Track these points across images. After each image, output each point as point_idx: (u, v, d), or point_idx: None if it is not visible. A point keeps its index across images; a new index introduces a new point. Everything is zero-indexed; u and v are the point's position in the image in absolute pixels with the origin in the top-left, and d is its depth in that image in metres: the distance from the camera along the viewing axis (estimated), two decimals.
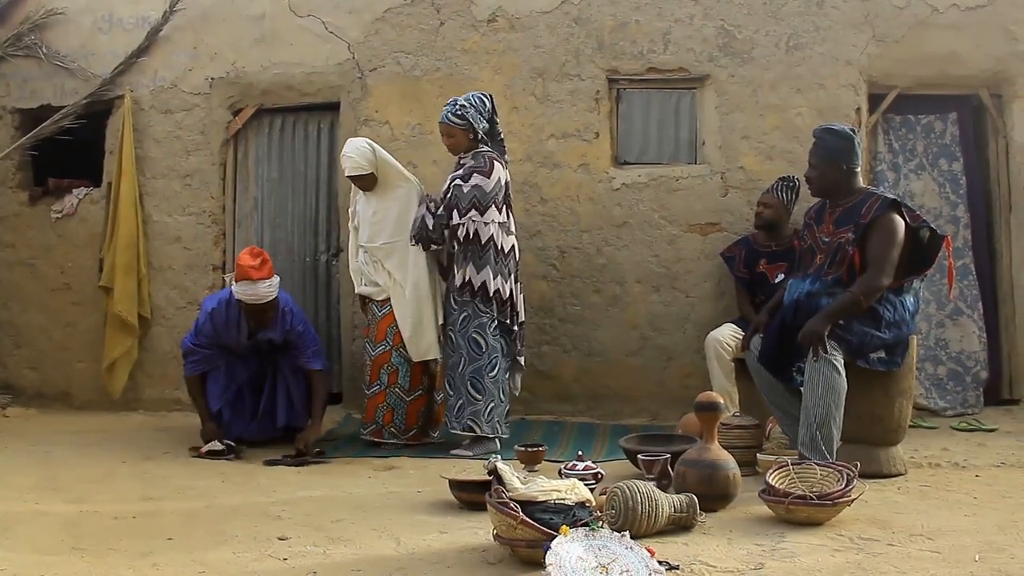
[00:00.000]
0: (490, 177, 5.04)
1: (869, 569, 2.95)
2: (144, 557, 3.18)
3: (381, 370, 5.12)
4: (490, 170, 5.05)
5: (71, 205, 6.51)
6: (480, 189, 5.00)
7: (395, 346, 5.13)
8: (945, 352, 5.90)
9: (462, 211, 5.00)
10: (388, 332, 5.13)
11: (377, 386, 5.12)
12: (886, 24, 5.87)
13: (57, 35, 6.55)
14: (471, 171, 5.05)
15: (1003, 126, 6.06)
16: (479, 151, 5.12)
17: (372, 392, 5.13)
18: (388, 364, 5.12)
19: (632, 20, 6.00)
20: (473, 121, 5.05)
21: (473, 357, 4.98)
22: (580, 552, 2.84)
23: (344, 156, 5.19)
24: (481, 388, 4.97)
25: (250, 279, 4.97)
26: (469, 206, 5.00)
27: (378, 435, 5.11)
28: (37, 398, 6.49)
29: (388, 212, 5.21)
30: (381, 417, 5.11)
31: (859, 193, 4.37)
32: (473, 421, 4.97)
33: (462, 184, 5.02)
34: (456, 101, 5.08)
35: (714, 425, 3.86)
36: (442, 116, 5.09)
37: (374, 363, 5.14)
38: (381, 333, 5.15)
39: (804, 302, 4.26)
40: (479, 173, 5.04)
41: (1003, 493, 3.97)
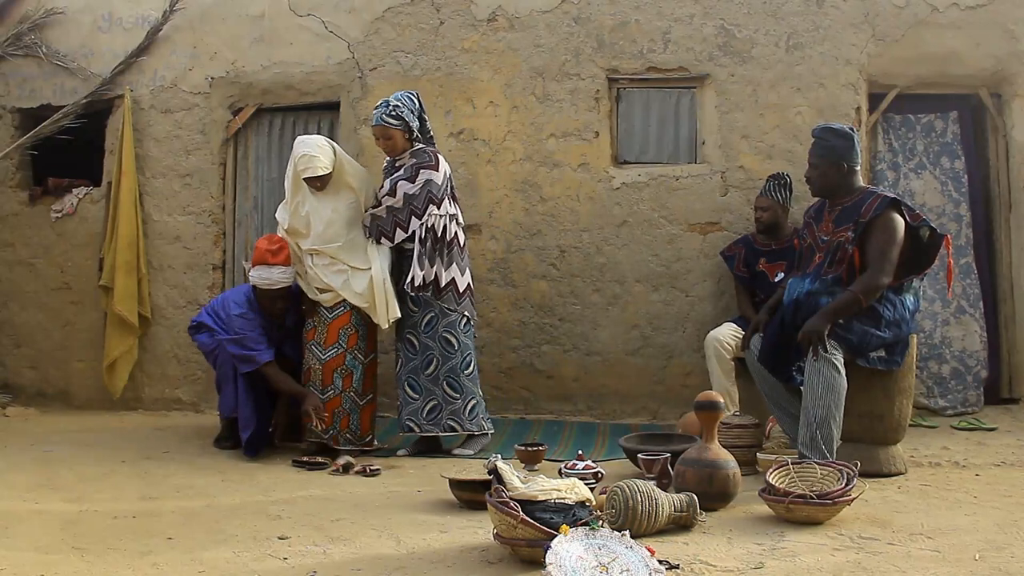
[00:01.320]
0: (438, 170, 4.99)
1: (869, 568, 2.95)
2: (144, 556, 3.18)
3: (335, 374, 4.93)
4: (436, 164, 4.99)
5: (71, 204, 6.51)
6: (433, 183, 4.94)
7: (349, 348, 4.96)
8: (949, 351, 5.90)
9: (420, 211, 4.92)
10: (340, 335, 4.95)
11: (332, 391, 4.93)
12: (886, 23, 5.87)
13: (57, 34, 6.55)
14: (416, 168, 4.96)
15: (1003, 125, 6.06)
16: (417, 149, 5.03)
17: (327, 397, 4.92)
18: (342, 367, 4.94)
19: (632, 19, 6.00)
20: (408, 120, 4.96)
21: (447, 356, 4.91)
22: (580, 551, 2.84)
23: (304, 156, 4.95)
24: (458, 387, 4.91)
25: (266, 263, 4.97)
26: (426, 203, 4.93)
27: (335, 441, 4.92)
28: (37, 397, 6.49)
29: (347, 210, 5.04)
30: (338, 422, 4.93)
31: (859, 192, 4.37)
32: (454, 420, 4.91)
33: (409, 184, 4.92)
34: (388, 102, 4.99)
35: (714, 424, 3.86)
36: (376, 119, 4.98)
37: (325, 367, 4.93)
38: (332, 336, 4.95)
39: (804, 301, 4.26)
40: (426, 168, 4.96)
41: (1003, 492, 3.97)
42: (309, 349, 5.00)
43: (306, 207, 5.05)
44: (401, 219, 4.94)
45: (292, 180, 5.09)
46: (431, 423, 4.91)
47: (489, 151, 6.06)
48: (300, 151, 4.99)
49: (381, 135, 5.00)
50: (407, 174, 4.96)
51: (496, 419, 5.84)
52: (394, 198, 4.94)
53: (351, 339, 4.97)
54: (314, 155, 4.93)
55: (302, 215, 5.05)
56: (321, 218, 5.02)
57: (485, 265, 6.02)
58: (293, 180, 5.08)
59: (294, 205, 5.08)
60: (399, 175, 4.99)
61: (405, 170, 4.99)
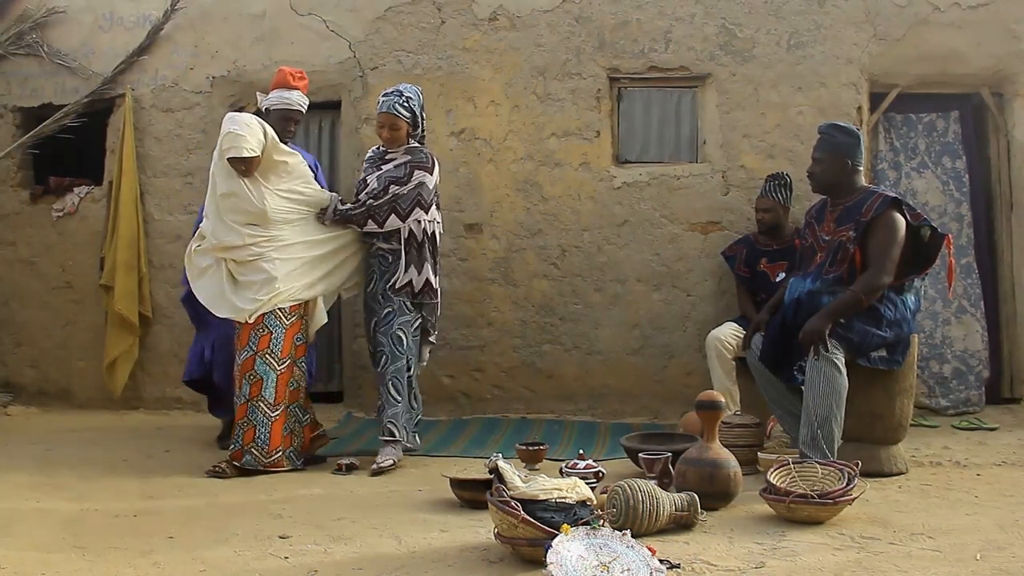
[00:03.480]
0: (432, 174, 4.78)
1: (870, 568, 2.95)
2: (145, 555, 3.18)
3: (244, 380, 4.53)
4: (432, 167, 4.79)
5: (72, 204, 6.51)
6: (424, 187, 4.73)
7: (259, 352, 4.54)
8: (950, 350, 5.89)
9: (404, 212, 4.71)
10: (251, 336, 4.54)
11: (240, 398, 4.55)
12: (887, 22, 5.87)
13: (58, 34, 6.54)
14: (411, 168, 4.74)
15: (1004, 124, 6.05)
16: (413, 147, 4.82)
17: (238, 403, 4.57)
18: (251, 373, 4.52)
19: (633, 19, 6.00)
20: (416, 113, 4.77)
21: (395, 355, 4.67)
22: (581, 551, 2.84)
23: (231, 134, 4.49)
24: (401, 390, 4.68)
25: (288, 86, 4.85)
26: (412, 206, 4.72)
27: (237, 457, 4.49)
28: (38, 396, 6.49)
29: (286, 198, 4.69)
30: (241, 435, 4.50)
31: (860, 192, 4.38)
32: (393, 424, 4.63)
33: (398, 186, 4.70)
34: (401, 92, 4.76)
35: (715, 424, 3.86)
36: (387, 106, 4.71)
37: (240, 370, 4.55)
38: (244, 336, 4.57)
39: (805, 300, 4.26)
40: (421, 170, 4.74)
41: (1004, 492, 3.97)
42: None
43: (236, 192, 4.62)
44: (379, 214, 4.71)
45: (219, 160, 4.63)
46: (380, 423, 4.70)
47: (490, 150, 6.05)
48: (227, 128, 4.55)
49: (388, 124, 4.75)
50: (399, 172, 4.74)
51: (497, 418, 5.87)
52: (386, 196, 4.71)
53: (262, 341, 4.55)
54: (240, 133, 4.48)
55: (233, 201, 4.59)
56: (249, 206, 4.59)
57: (486, 264, 6.02)
58: (221, 162, 4.61)
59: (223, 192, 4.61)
60: (390, 172, 4.76)
61: (397, 167, 4.77)
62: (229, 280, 4.62)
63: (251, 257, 4.59)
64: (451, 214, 6.02)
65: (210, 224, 4.66)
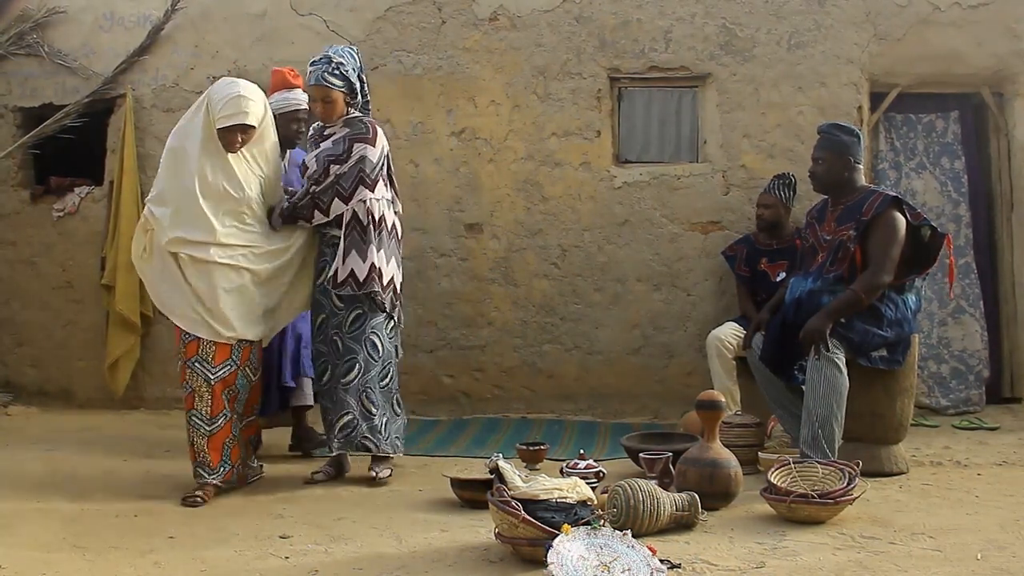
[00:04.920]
0: (375, 145, 4.25)
1: (871, 568, 2.95)
2: (145, 555, 3.18)
3: (224, 396, 4.06)
4: (374, 137, 4.26)
5: (73, 203, 6.51)
6: (366, 161, 4.20)
7: (242, 365, 4.09)
8: (947, 351, 5.89)
9: (346, 193, 4.18)
10: (234, 348, 4.07)
11: (223, 417, 4.08)
12: (888, 22, 5.87)
13: (59, 34, 6.54)
14: (349, 141, 4.21)
15: (1005, 124, 6.05)
16: (352, 117, 4.31)
17: (216, 427, 4.07)
18: (232, 387, 4.08)
19: (633, 19, 5.99)
20: (351, 80, 4.26)
21: (370, 363, 4.19)
22: (582, 551, 2.84)
23: (238, 98, 3.99)
24: (376, 400, 4.21)
25: (288, 86, 4.58)
26: (355, 184, 4.19)
27: (234, 477, 4.12)
28: (39, 396, 6.49)
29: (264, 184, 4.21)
30: (228, 457, 4.10)
31: (860, 191, 4.38)
32: (368, 440, 4.19)
33: (338, 165, 4.18)
34: (329, 58, 4.22)
35: (715, 423, 3.86)
36: (315, 77, 4.21)
37: (215, 389, 4.06)
38: (224, 349, 4.05)
39: (805, 300, 4.26)
40: (361, 142, 4.22)
41: (1005, 491, 3.97)
42: (190, 366, 4.02)
43: (219, 173, 4.02)
44: (323, 201, 4.19)
45: (202, 132, 4.01)
46: (343, 439, 4.20)
47: (491, 150, 6.05)
48: (229, 91, 4.03)
49: (320, 97, 4.22)
50: (338, 149, 4.20)
51: (497, 418, 5.87)
52: (328, 179, 4.18)
53: (244, 352, 4.10)
54: (251, 98, 4.02)
55: (212, 181, 3.99)
56: (245, 184, 4.07)
57: (486, 264, 6.02)
58: (205, 133, 4.01)
59: (199, 170, 3.97)
60: (328, 150, 4.22)
61: (335, 143, 4.24)
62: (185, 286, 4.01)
63: (224, 259, 4.00)
64: (451, 214, 6.02)
65: (167, 211, 3.98)
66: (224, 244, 4.01)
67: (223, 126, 3.97)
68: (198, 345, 3.99)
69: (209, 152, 4.00)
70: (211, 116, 4.00)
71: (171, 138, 4.12)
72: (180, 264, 4.00)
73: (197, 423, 4.03)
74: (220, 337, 4.00)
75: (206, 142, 4.00)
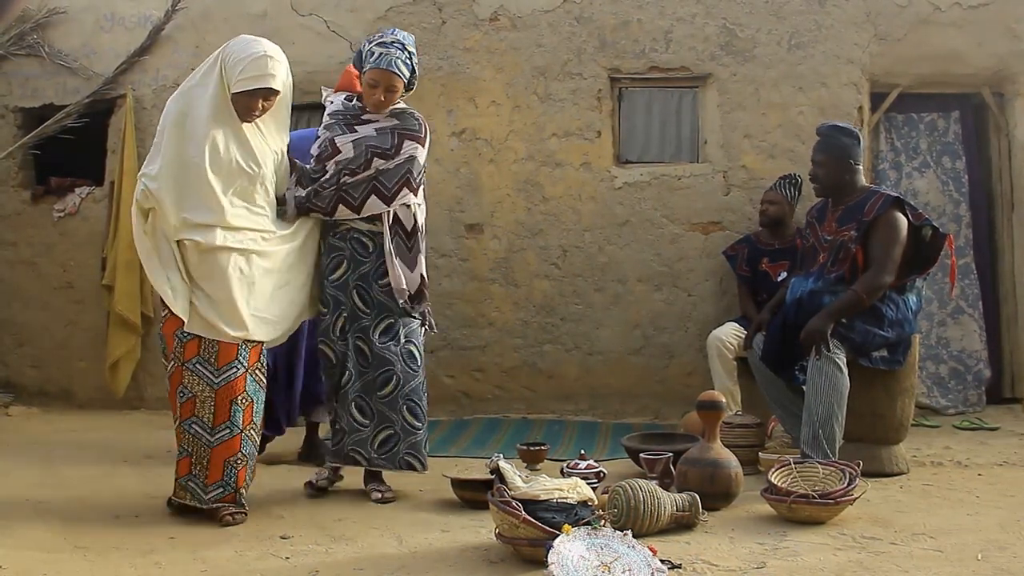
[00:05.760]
0: (424, 147, 3.89)
1: (871, 568, 2.95)
2: (146, 555, 3.18)
3: (233, 405, 3.53)
4: (425, 137, 3.89)
5: (73, 204, 6.52)
6: (415, 163, 3.83)
7: (251, 368, 3.56)
8: (946, 351, 5.90)
9: (389, 193, 3.78)
10: (240, 347, 3.54)
11: (226, 430, 3.53)
12: (888, 22, 5.87)
13: (59, 34, 6.55)
14: (400, 137, 3.82)
15: (1005, 124, 6.06)
16: (401, 108, 3.90)
17: (218, 439, 3.54)
18: (242, 396, 3.55)
19: (634, 19, 6.00)
20: (415, 73, 3.87)
21: (409, 374, 3.82)
22: (582, 551, 2.84)
23: (263, 58, 3.48)
24: (419, 414, 3.84)
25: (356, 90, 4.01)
26: (399, 185, 3.79)
27: (231, 499, 3.55)
28: (39, 397, 6.50)
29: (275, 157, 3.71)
30: (233, 477, 3.54)
31: (861, 192, 4.38)
32: (412, 456, 3.84)
33: (386, 157, 3.78)
34: (403, 44, 3.80)
35: (716, 424, 3.85)
36: (387, 62, 3.72)
37: (219, 396, 3.51)
38: (228, 349, 3.53)
39: (806, 300, 4.26)
40: (413, 140, 3.83)
41: (1005, 492, 3.96)
42: (190, 368, 3.49)
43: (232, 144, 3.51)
44: (352, 195, 3.76)
45: (215, 96, 3.49)
46: (384, 457, 3.83)
47: (491, 150, 6.05)
48: (252, 50, 3.50)
49: (385, 85, 3.76)
50: (386, 142, 3.79)
51: (498, 419, 5.87)
52: (366, 172, 3.76)
53: (253, 354, 3.57)
54: (279, 60, 3.54)
55: (224, 154, 3.47)
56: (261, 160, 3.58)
57: (487, 264, 6.02)
58: (218, 98, 3.48)
59: (209, 140, 3.44)
60: (371, 139, 3.79)
61: (381, 134, 3.82)
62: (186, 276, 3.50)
63: (234, 244, 3.49)
64: (452, 214, 6.02)
65: (167, 187, 3.43)
66: (234, 227, 3.48)
67: (243, 90, 3.46)
68: (199, 345, 3.48)
69: (222, 120, 3.47)
70: (226, 78, 3.48)
71: (173, 102, 3.54)
72: (183, 251, 3.47)
73: (198, 432, 3.51)
74: (225, 336, 3.48)
75: (219, 108, 3.47)
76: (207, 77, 3.52)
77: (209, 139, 3.43)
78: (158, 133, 3.50)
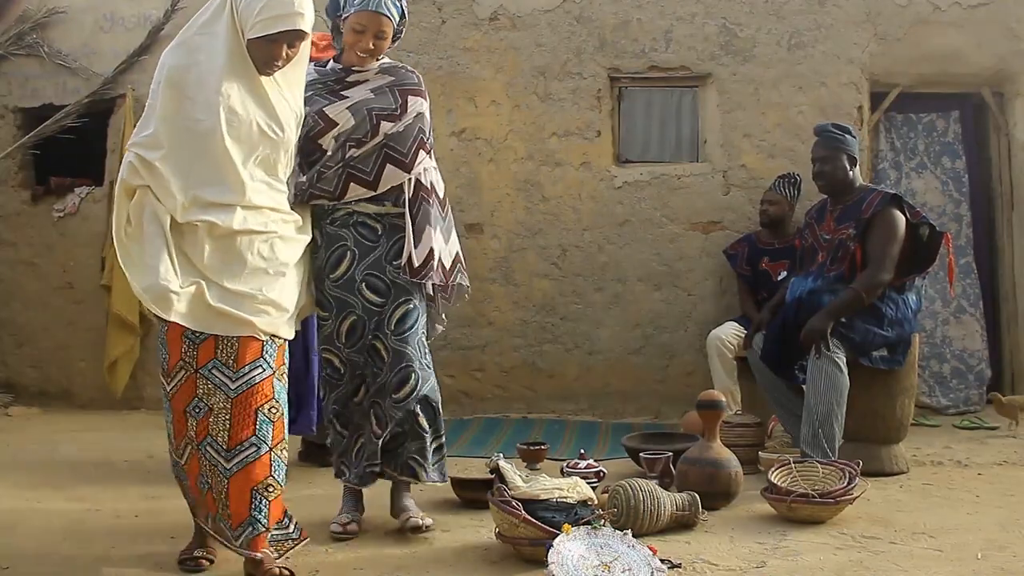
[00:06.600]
0: (427, 99, 3.40)
1: (871, 567, 2.95)
2: (146, 556, 3.18)
3: (258, 414, 2.79)
4: (425, 91, 3.40)
5: (73, 204, 6.51)
6: (425, 120, 3.35)
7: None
8: (949, 350, 5.90)
9: (407, 160, 3.25)
10: (267, 344, 2.86)
11: (252, 448, 2.78)
12: (888, 22, 5.87)
13: (59, 34, 6.55)
14: (402, 93, 3.29)
15: (1005, 124, 6.06)
16: (391, 64, 3.39)
17: (244, 460, 2.79)
18: (270, 403, 2.83)
19: (634, 18, 6.00)
20: (403, 19, 3.35)
21: (426, 370, 3.29)
22: (582, 550, 2.84)
23: None
24: (434, 416, 3.32)
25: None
26: (416, 148, 3.28)
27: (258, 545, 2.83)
28: (39, 397, 6.49)
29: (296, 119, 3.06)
30: (264, 508, 2.81)
31: (860, 190, 4.40)
32: (417, 463, 3.30)
33: (393, 118, 3.25)
34: None
35: (716, 423, 3.85)
36: (375, 3, 3.22)
37: (237, 405, 2.77)
38: (250, 347, 2.83)
39: (806, 300, 4.26)
40: (416, 95, 3.32)
41: (1005, 491, 3.96)
42: (206, 375, 2.78)
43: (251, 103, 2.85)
44: (364, 170, 3.22)
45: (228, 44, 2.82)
46: (387, 457, 3.34)
47: (491, 150, 6.05)
48: None
49: (374, 30, 3.24)
50: (388, 102, 3.26)
51: (498, 418, 5.87)
52: (375, 140, 3.24)
53: (280, 352, 2.91)
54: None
55: (243, 115, 2.80)
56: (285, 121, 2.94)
57: (487, 264, 6.02)
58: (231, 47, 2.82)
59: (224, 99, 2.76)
60: (370, 101, 3.26)
61: (379, 94, 3.28)
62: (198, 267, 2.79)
63: (257, 227, 2.85)
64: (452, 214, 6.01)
65: (169, 159, 2.75)
66: (255, 206, 2.84)
67: (263, 34, 2.81)
68: (216, 345, 2.77)
69: (237, 73, 2.80)
70: (239, 22, 2.83)
71: (169, 55, 2.85)
72: (188, 237, 2.79)
73: (213, 457, 2.75)
74: (248, 327, 2.81)
75: (232, 59, 2.80)
76: (213, 23, 2.84)
77: (223, 97, 2.75)
78: (151, 94, 2.83)
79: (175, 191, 2.74)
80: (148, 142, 2.77)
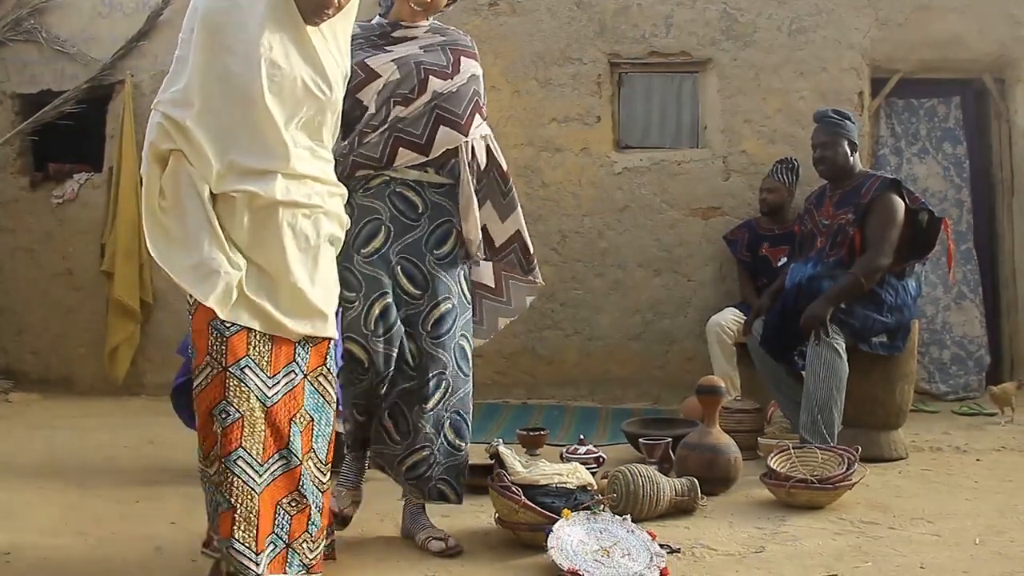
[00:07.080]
0: (479, 62, 3.10)
1: (870, 552, 2.95)
2: (147, 540, 3.19)
3: (292, 425, 2.44)
4: (476, 52, 3.10)
5: (72, 190, 6.51)
6: (479, 81, 3.04)
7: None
8: (949, 336, 5.90)
9: (462, 122, 2.91)
10: (298, 347, 2.49)
11: (283, 462, 2.44)
12: (889, 7, 5.85)
13: (57, 20, 6.53)
14: (455, 53, 2.97)
15: (1006, 110, 6.04)
16: (441, 25, 3.08)
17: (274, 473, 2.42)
18: (301, 412, 2.47)
19: (634, 3, 5.97)
20: None
21: (460, 379, 2.97)
22: (582, 535, 2.85)
23: None
24: (465, 432, 3.02)
25: None
26: (472, 111, 2.96)
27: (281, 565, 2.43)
28: (39, 383, 6.50)
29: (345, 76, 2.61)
30: (287, 526, 2.45)
31: (859, 176, 4.40)
32: (447, 484, 3.00)
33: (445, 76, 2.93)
34: None
35: (715, 409, 3.86)
36: None
37: (271, 416, 2.40)
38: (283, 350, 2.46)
39: (806, 286, 4.26)
40: (470, 57, 3.02)
41: (1004, 477, 3.97)
42: (237, 375, 2.34)
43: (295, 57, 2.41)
44: (413, 133, 2.87)
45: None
46: (412, 481, 3.01)
47: None
48: None
49: None
50: (439, 59, 2.94)
51: (498, 404, 5.88)
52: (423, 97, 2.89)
53: (315, 355, 2.52)
54: None
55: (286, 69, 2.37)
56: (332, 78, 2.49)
57: None
58: None
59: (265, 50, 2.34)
60: (419, 56, 2.93)
61: (429, 51, 2.96)
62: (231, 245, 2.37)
63: (300, 198, 2.42)
64: None
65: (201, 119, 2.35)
66: (298, 175, 2.42)
67: None
68: (248, 339, 2.37)
69: (281, 21, 2.39)
70: None
71: None
72: (224, 209, 2.37)
73: (243, 471, 2.34)
74: (283, 330, 2.43)
75: (276, 5, 2.38)
76: None
77: (265, 48, 2.34)
78: (181, 43, 2.47)
79: (209, 155, 2.33)
80: (177, 99, 2.39)
